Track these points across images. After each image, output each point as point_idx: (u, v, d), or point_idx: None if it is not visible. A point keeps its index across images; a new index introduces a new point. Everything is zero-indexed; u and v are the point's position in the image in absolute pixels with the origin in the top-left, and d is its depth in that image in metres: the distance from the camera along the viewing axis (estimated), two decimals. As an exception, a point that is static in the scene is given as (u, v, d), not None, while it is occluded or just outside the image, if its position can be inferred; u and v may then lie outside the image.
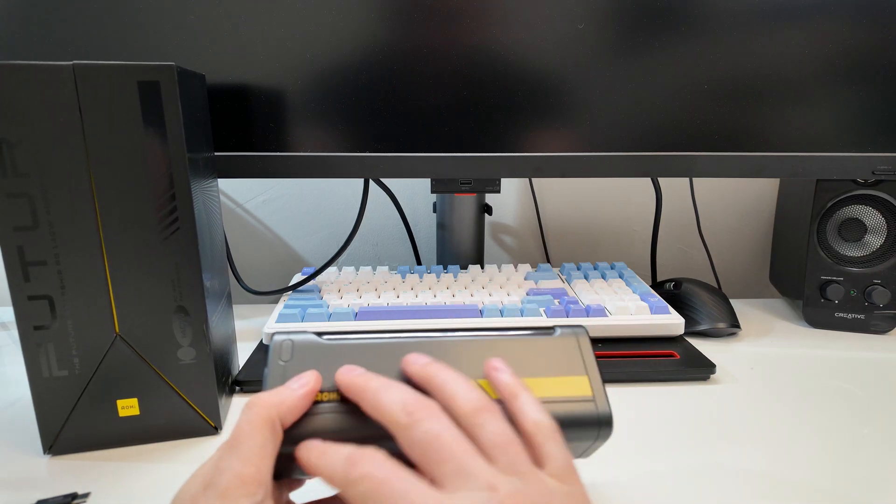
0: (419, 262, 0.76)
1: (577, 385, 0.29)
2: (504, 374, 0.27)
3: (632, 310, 0.54)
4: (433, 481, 0.22)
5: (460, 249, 0.69)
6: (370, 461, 0.22)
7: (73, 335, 0.37)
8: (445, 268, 0.67)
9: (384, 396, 0.25)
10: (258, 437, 0.24)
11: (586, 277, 0.65)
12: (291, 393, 0.26)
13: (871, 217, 0.59)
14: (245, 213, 0.78)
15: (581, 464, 0.38)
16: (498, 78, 0.54)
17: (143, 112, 0.35)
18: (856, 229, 0.60)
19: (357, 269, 0.67)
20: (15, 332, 0.60)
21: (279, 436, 0.25)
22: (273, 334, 0.30)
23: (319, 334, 0.30)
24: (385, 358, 0.28)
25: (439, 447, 0.22)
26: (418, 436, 0.23)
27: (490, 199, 0.77)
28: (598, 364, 0.30)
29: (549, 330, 0.31)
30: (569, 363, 0.29)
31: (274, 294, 0.62)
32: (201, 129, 0.41)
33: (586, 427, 0.28)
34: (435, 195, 0.71)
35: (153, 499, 0.35)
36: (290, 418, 0.26)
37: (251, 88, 0.53)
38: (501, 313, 0.54)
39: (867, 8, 0.53)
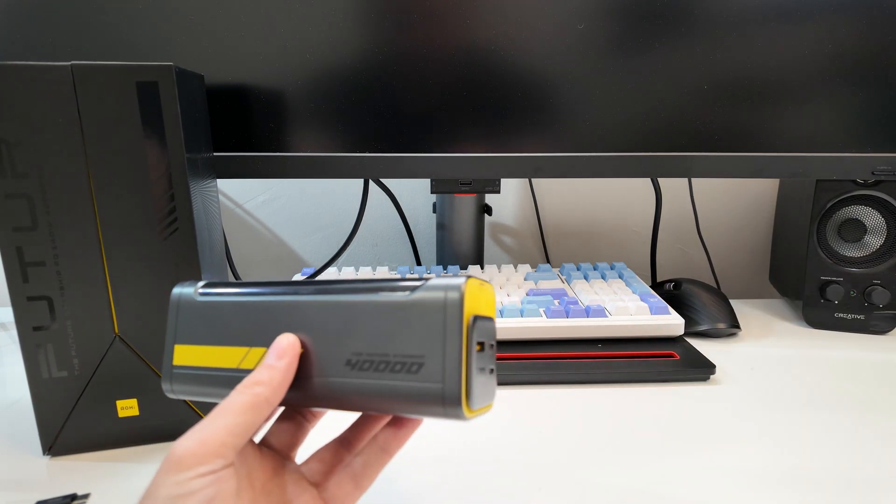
0: (419, 263, 0.76)
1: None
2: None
3: (631, 310, 0.54)
4: None
5: (460, 250, 0.69)
6: None
7: (73, 336, 0.37)
8: (445, 268, 0.67)
9: None
10: (231, 418, 0.24)
11: (586, 278, 0.65)
12: (274, 371, 0.26)
13: (871, 217, 0.59)
14: (245, 214, 0.78)
15: (581, 464, 0.38)
16: (498, 78, 0.54)
17: (142, 112, 0.35)
18: (855, 230, 0.60)
19: (357, 270, 0.67)
20: (14, 333, 0.60)
21: (261, 412, 0.25)
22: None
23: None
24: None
25: None
26: None
27: (490, 199, 0.77)
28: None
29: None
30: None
31: (273, 294, 0.62)
32: (200, 130, 0.41)
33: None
34: (435, 195, 0.71)
35: (152, 499, 0.35)
36: (277, 397, 0.26)
37: (250, 89, 0.53)
38: (501, 314, 0.54)
39: (867, 8, 0.53)
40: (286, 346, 0.26)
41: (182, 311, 0.30)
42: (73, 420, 0.38)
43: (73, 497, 0.34)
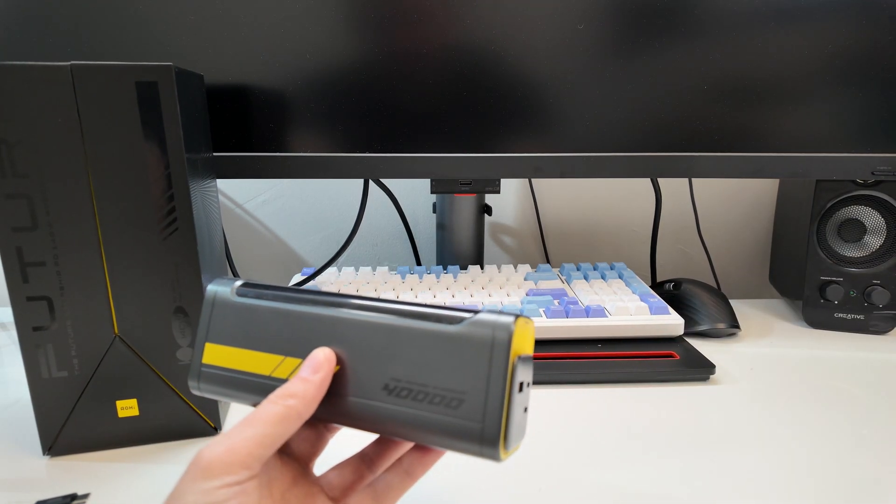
0: (419, 263, 0.76)
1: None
2: None
3: (631, 310, 0.54)
4: None
5: (460, 250, 0.69)
6: None
7: (73, 336, 0.37)
8: (445, 268, 0.67)
9: None
10: (261, 428, 0.24)
11: (586, 278, 0.65)
12: (308, 385, 0.26)
13: (871, 218, 0.59)
14: (245, 214, 0.78)
15: (581, 464, 0.38)
16: (498, 78, 0.54)
17: (142, 112, 0.35)
18: (855, 230, 0.60)
19: (357, 270, 0.67)
20: (14, 333, 0.60)
21: (292, 425, 0.25)
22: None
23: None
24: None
25: None
26: None
27: (490, 199, 0.77)
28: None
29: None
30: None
31: (273, 294, 0.62)
32: (200, 130, 0.41)
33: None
34: (435, 195, 0.71)
35: (153, 499, 0.35)
36: (309, 411, 0.26)
37: (250, 89, 0.53)
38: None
39: (867, 8, 0.53)
40: (322, 360, 0.26)
41: (217, 309, 0.30)
42: (73, 420, 0.38)
43: (73, 497, 0.34)
